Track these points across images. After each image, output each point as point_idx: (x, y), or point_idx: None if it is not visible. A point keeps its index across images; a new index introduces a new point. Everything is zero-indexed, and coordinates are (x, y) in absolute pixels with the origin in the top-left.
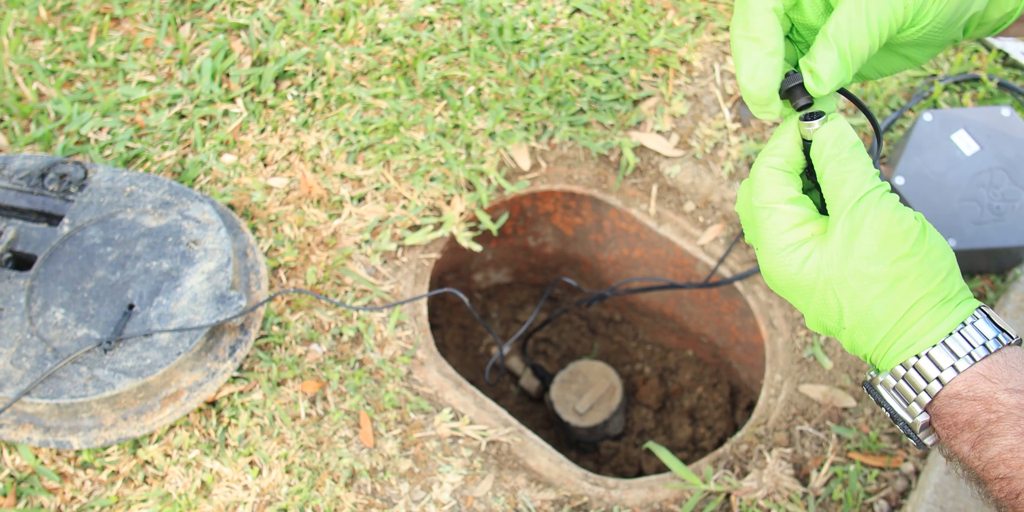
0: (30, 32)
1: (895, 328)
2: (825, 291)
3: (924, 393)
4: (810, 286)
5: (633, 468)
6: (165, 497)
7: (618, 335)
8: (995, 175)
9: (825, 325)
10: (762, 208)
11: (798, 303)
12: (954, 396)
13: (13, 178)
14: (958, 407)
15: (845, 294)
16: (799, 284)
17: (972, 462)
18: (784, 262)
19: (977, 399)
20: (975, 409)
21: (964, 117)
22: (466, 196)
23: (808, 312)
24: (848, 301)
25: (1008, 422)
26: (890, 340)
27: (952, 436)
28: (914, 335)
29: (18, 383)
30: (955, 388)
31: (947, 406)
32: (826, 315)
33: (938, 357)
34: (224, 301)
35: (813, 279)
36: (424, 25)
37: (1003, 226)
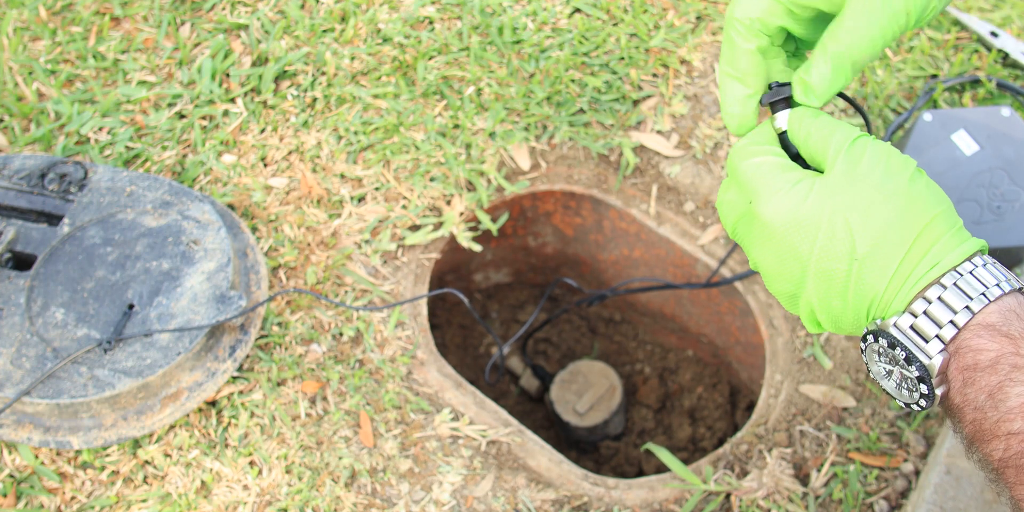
0: (30, 32)
1: (915, 247)
2: (833, 220)
3: (951, 325)
4: (816, 219)
5: (633, 468)
6: (165, 497)
7: (618, 335)
8: (995, 175)
9: (830, 271)
10: (751, 161)
11: (801, 249)
12: (987, 327)
13: (13, 178)
14: (986, 342)
15: (857, 218)
16: (804, 219)
17: (983, 414)
18: (786, 198)
19: (1008, 336)
20: (1003, 348)
21: (964, 117)
22: (466, 196)
23: (811, 258)
24: (861, 225)
25: None
26: (912, 262)
27: (968, 381)
28: (940, 252)
29: (18, 383)
30: (989, 318)
31: (974, 339)
32: (833, 253)
33: (967, 285)
34: (224, 301)
35: (819, 210)
36: (424, 25)
37: (1003, 226)
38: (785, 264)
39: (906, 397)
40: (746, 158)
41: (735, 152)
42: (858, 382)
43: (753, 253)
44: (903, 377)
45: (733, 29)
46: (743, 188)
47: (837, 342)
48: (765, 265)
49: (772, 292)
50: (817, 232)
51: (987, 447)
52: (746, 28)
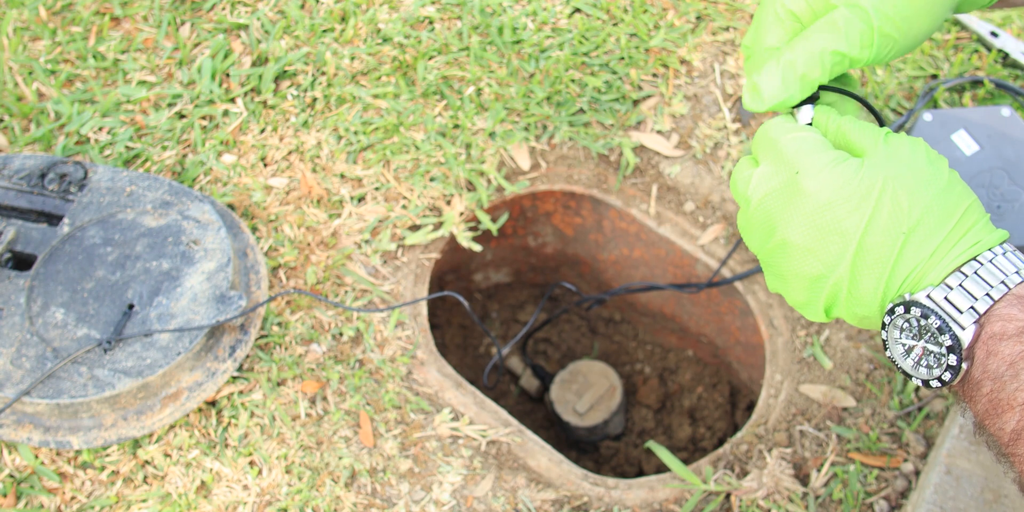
0: (30, 32)
1: (958, 226)
2: (883, 196)
3: (986, 297)
4: (866, 194)
5: (633, 468)
6: (165, 497)
7: (618, 335)
8: (995, 175)
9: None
10: (793, 135)
11: (846, 223)
12: (1019, 298)
13: (13, 178)
14: (1017, 312)
15: (904, 194)
16: (857, 192)
17: (1002, 383)
18: (839, 171)
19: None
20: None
21: (964, 117)
22: (466, 196)
23: (856, 232)
24: (908, 203)
25: None
26: (953, 239)
27: (992, 351)
28: (978, 233)
29: (18, 383)
30: (1021, 291)
31: (1006, 308)
32: (882, 226)
33: (1003, 263)
34: (224, 301)
35: (870, 185)
36: (424, 25)
37: (1003, 226)
38: (825, 241)
39: (925, 374)
40: (788, 132)
41: (773, 127)
42: (858, 382)
43: (788, 229)
44: (926, 352)
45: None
46: (784, 161)
47: (837, 342)
48: (800, 242)
49: (790, 275)
50: (866, 207)
51: (1000, 420)
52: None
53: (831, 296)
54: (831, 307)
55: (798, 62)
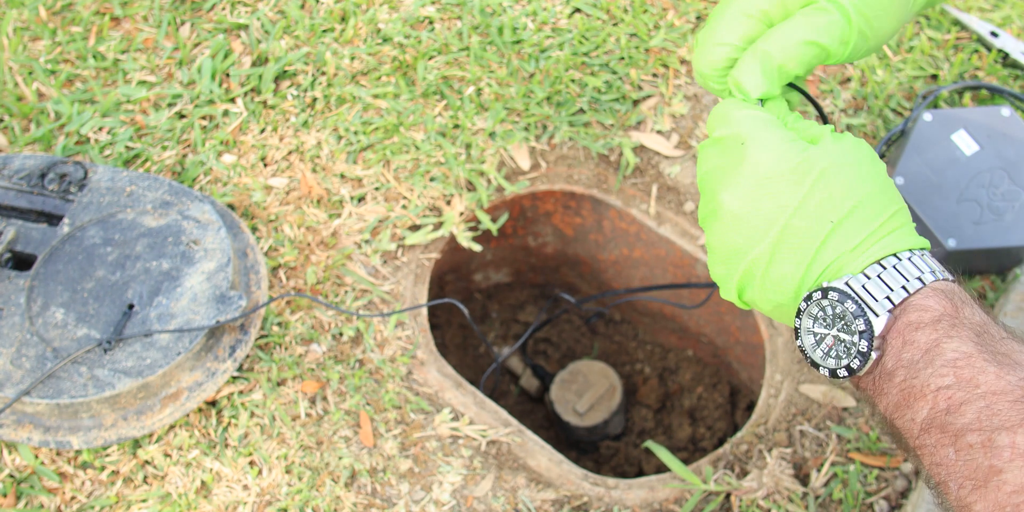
0: (30, 32)
1: (886, 224)
2: (821, 179)
3: (902, 290)
4: (807, 172)
5: (633, 468)
6: (165, 497)
7: (618, 335)
8: (995, 175)
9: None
10: (748, 112)
11: (782, 199)
12: (935, 290)
13: (13, 178)
14: (933, 302)
15: (841, 185)
16: (798, 171)
17: (916, 371)
18: (787, 147)
19: (951, 301)
20: (947, 308)
21: (964, 117)
22: (466, 196)
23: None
24: (843, 191)
25: (967, 331)
26: (879, 235)
27: (908, 340)
28: (904, 235)
29: (18, 383)
30: (940, 286)
31: (924, 299)
32: (812, 210)
33: (921, 262)
34: (224, 301)
35: (811, 165)
36: (424, 25)
37: (1003, 226)
38: (756, 210)
39: (833, 363)
40: (744, 108)
41: (731, 104)
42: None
43: (724, 193)
44: (837, 341)
45: None
46: (736, 133)
47: None
48: (731, 207)
49: (715, 244)
50: (802, 188)
51: (911, 411)
52: None
53: (747, 273)
54: (745, 287)
55: (774, 52)
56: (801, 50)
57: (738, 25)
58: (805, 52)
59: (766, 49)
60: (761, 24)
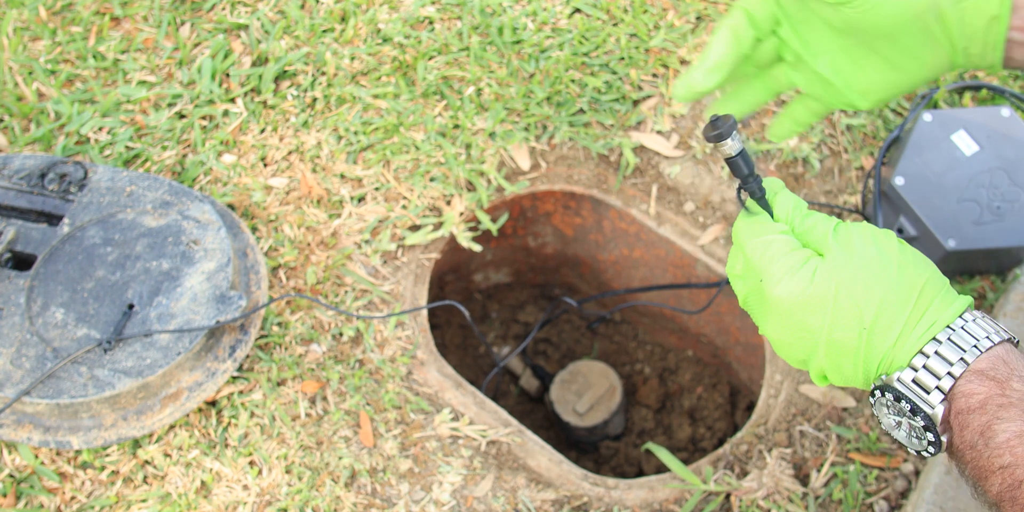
0: (30, 32)
1: (914, 310)
2: (839, 296)
3: (948, 376)
4: (824, 297)
5: (633, 468)
6: (165, 497)
7: (618, 335)
8: (995, 175)
9: (841, 341)
10: (758, 240)
11: (811, 324)
12: (977, 373)
13: (13, 178)
14: (975, 386)
15: (860, 291)
16: (815, 296)
17: (979, 452)
18: (796, 279)
19: (995, 380)
20: (991, 389)
21: (964, 117)
22: (466, 196)
23: (822, 331)
24: (864, 297)
25: (1019, 408)
26: (912, 323)
27: (963, 424)
28: (935, 312)
29: (18, 383)
30: (980, 365)
31: (967, 384)
32: (843, 325)
33: (960, 339)
34: (224, 301)
35: (825, 289)
36: (424, 25)
37: (1003, 226)
38: (798, 338)
39: (916, 445)
40: (753, 236)
41: (740, 229)
42: None
43: (764, 326)
44: (911, 427)
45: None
46: (752, 266)
47: None
48: (776, 337)
49: (782, 357)
50: (826, 309)
51: (986, 483)
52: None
53: (819, 375)
54: (824, 379)
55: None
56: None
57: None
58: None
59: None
60: None
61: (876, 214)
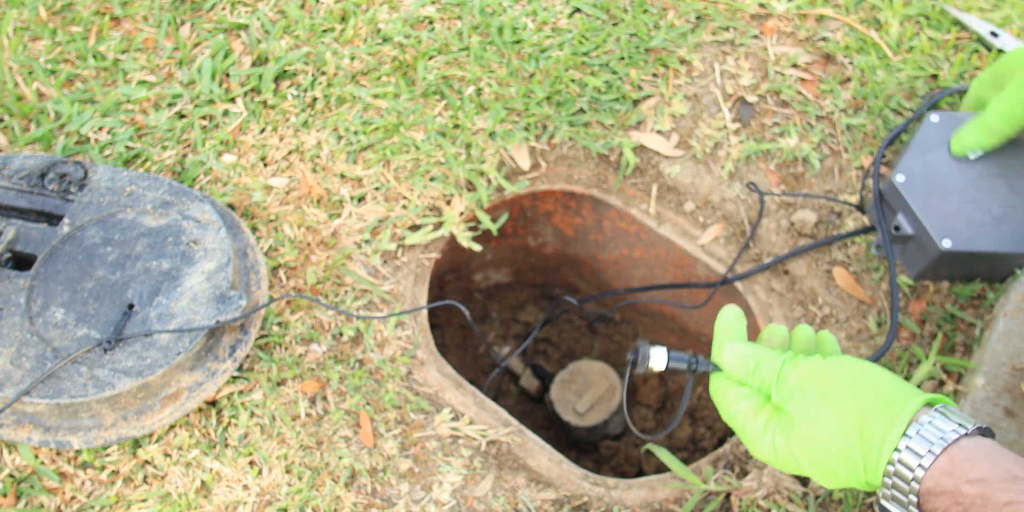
0: (30, 32)
1: (863, 447)
2: (801, 454)
3: (912, 494)
4: (791, 456)
5: (633, 468)
6: (165, 497)
7: (618, 335)
8: (996, 181)
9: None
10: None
11: (798, 468)
12: (927, 493)
13: (13, 178)
14: (935, 503)
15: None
16: (784, 458)
17: None
18: (764, 447)
19: (945, 493)
20: (946, 503)
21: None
22: (466, 196)
23: (809, 471)
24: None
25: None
26: (868, 460)
27: None
28: (879, 446)
29: (18, 383)
30: (927, 485)
31: (928, 504)
32: (818, 468)
33: (907, 459)
34: (224, 301)
35: (787, 450)
36: (424, 25)
37: (1000, 232)
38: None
39: None
40: (723, 406)
41: (713, 396)
42: None
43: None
44: None
45: None
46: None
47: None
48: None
49: None
50: (799, 462)
51: None
52: None
53: None
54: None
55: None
56: None
57: None
58: None
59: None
60: None
61: (879, 215)
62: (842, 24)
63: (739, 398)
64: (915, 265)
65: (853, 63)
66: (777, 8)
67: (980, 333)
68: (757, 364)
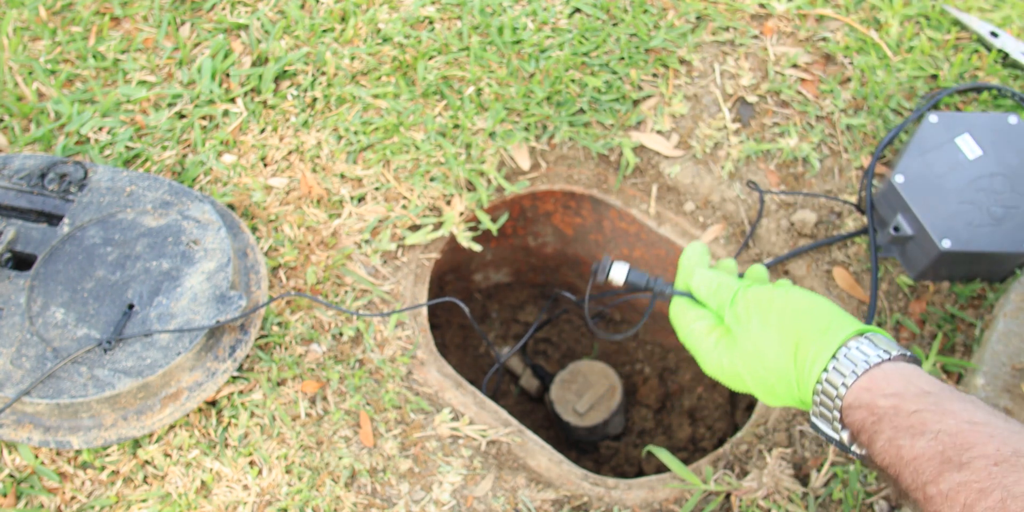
0: (30, 32)
1: (797, 367)
2: (744, 369)
3: (835, 411)
4: (735, 369)
5: (633, 468)
6: (165, 497)
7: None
8: (996, 181)
9: (767, 387)
10: (684, 329)
11: (741, 383)
12: (848, 407)
13: (13, 178)
14: (854, 416)
15: (758, 366)
16: (729, 371)
17: (874, 458)
18: (713, 361)
19: (862, 406)
20: (863, 415)
21: (970, 121)
22: (466, 196)
23: (751, 387)
24: (760, 369)
25: (885, 421)
26: (801, 378)
27: (861, 442)
28: (810, 366)
29: (18, 383)
30: (848, 401)
31: (848, 416)
32: (758, 382)
33: (832, 378)
34: (224, 301)
35: (732, 364)
36: (424, 25)
37: (999, 232)
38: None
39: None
40: (682, 325)
41: (674, 315)
42: None
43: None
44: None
45: None
46: (688, 345)
47: None
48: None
49: None
50: (743, 378)
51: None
52: None
53: None
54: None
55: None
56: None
57: None
58: None
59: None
60: None
61: (870, 212)
62: (842, 24)
63: (696, 319)
64: (915, 265)
65: (853, 63)
66: (777, 8)
67: (980, 333)
68: (718, 287)
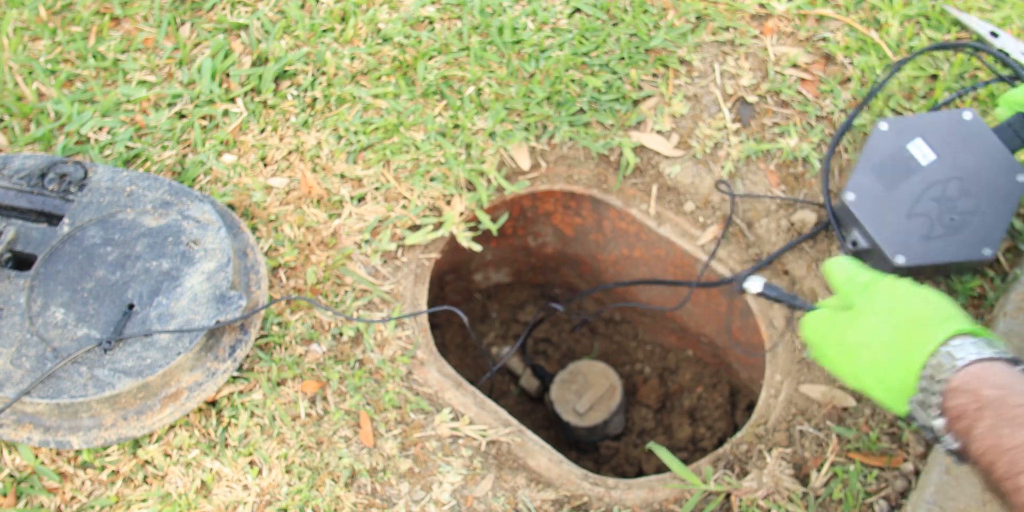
0: (30, 32)
1: (912, 342)
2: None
3: (938, 395)
4: (853, 349)
5: (633, 468)
6: (165, 497)
7: (618, 335)
8: (950, 187)
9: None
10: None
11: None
12: (953, 390)
13: (13, 178)
14: (957, 399)
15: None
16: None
17: (969, 446)
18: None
19: (968, 391)
20: (967, 399)
21: (923, 124)
22: (466, 196)
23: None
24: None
25: (989, 408)
26: (913, 355)
27: (958, 430)
28: (924, 345)
29: (18, 383)
30: (954, 384)
31: (950, 400)
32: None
33: (943, 361)
34: (224, 301)
35: (856, 340)
36: (424, 25)
37: (955, 240)
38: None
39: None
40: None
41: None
42: None
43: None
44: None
45: None
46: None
47: None
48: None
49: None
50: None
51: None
52: None
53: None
54: None
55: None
56: None
57: None
58: None
59: None
60: None
61: (835, 223)
62: (842, 24)
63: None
64: (884, 272)
65: (853, 63)
66: (777, 8)
67: None
68: (857, 271)
